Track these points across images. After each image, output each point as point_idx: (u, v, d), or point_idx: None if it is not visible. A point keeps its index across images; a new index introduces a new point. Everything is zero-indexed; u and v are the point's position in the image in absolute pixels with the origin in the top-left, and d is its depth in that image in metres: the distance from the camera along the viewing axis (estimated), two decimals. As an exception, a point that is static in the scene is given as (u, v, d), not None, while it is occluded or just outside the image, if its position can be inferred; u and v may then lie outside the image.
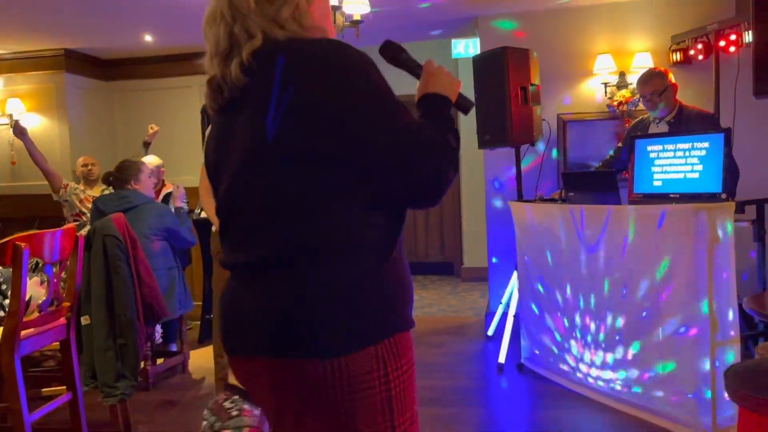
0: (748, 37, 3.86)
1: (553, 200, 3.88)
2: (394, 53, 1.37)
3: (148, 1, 4.38)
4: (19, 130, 4.76)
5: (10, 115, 5.72)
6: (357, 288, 1.14)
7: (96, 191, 4.91)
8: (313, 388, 1.14)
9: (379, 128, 1.12)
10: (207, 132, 1.47)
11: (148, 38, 5.45)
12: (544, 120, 4.38)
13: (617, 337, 3.20)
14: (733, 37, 4.11)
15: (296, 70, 1.13)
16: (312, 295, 1.12)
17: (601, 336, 3.29)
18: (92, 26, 5.00)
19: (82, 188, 4.92)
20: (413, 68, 1.37)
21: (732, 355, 2.73)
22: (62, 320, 2.84)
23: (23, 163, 5.72)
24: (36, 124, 5.77)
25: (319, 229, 1.13)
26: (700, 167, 3.05)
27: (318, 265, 1.13)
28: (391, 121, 1.14)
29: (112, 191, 4.16)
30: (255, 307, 1.18)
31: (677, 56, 4.56)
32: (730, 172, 3.14)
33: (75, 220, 4.75)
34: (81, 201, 4.85)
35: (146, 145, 5.09)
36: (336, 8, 3.44)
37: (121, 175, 4.03)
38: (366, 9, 3.61)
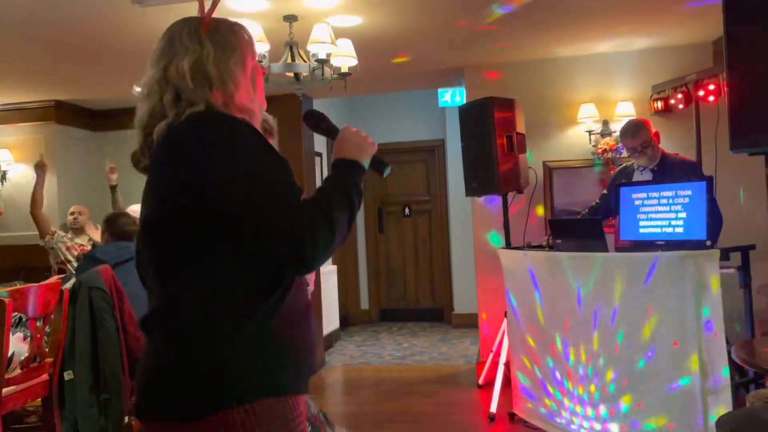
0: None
1: (540, 247, 3.89)
2: (314, 121, 1.50)
3: (138, 51, 4.43)
4: (41, 165, 4.82)
5: (-2, 166, 5.72)
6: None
7: (83, 239, 4.89)
8: None
9: (236, 197, 1.17)
10: None
11: (138, 89, 5.49)
12: (530, 168, 4.44)
13: (609, 387, 3.16)
14: (711, 87, 4.21)
15: (162, 150, 1.28)
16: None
17: (593, 386, 3.26)
18: (82, 78, 5.05)
19: (70, 236, 4.91)
20: (332, 133, 1.47)
21: (724, 404, 2.71)
22: (45, 376, 2.79)
23: (10, 213, 5.68)
24: (24, 174, 5.76)
25: (181, 293, 1.21)
26: (684, 215, 3.08)
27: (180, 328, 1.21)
28: (250, 192, 1.17)
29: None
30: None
31: (658, 105, 4.66)
32: (714, 220, 3.18)
33: (60, 269, 4.72)
34: (68, 248, 4.81)
35: (113, 188, 4.97)
36: (324, 61, 3.49)
37: (130, 228, 4.02)
38: (354, 62, 3.67)
